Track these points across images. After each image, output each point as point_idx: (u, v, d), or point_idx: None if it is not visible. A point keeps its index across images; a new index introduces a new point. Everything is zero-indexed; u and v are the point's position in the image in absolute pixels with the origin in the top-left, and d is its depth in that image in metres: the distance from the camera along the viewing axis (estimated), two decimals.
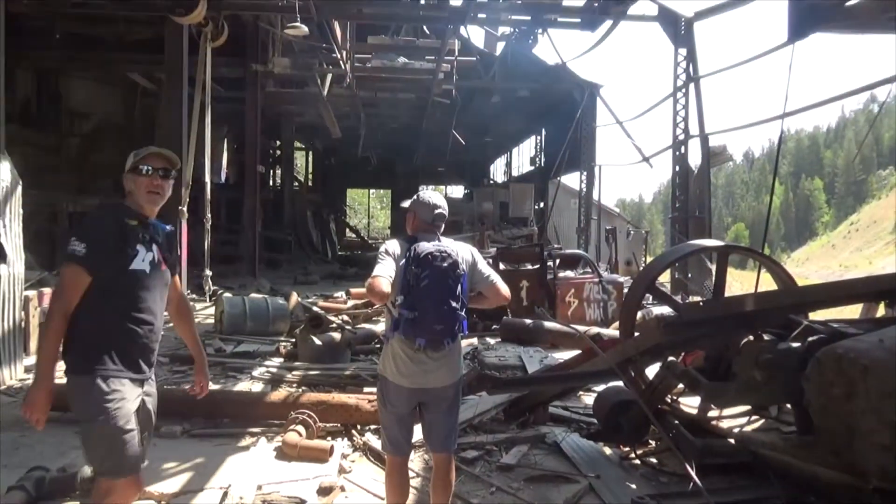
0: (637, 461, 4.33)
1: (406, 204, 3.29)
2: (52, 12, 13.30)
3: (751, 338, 3.94)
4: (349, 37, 15.08)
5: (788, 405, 4.09)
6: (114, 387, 2.49)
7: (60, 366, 2.54)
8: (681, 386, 4.32)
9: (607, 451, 4.52)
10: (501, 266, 9.96)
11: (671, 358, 4.16)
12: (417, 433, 3.27)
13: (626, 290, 9.88)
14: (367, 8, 12.83)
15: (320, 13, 11.47)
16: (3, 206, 6.06)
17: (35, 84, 17.95)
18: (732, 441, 4.11)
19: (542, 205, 26.24)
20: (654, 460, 4.35)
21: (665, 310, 7.99)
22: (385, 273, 2.88)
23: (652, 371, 4.52)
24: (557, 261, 10.08)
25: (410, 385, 3.00)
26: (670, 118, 14.10)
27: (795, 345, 3.67)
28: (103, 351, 2.51)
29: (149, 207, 2.70)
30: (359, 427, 4.83)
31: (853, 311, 6.60)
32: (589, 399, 5.56)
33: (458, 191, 41.61)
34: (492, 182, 37.44)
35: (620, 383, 4.47)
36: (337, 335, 7.16)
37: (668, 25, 13.77)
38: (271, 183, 26.81)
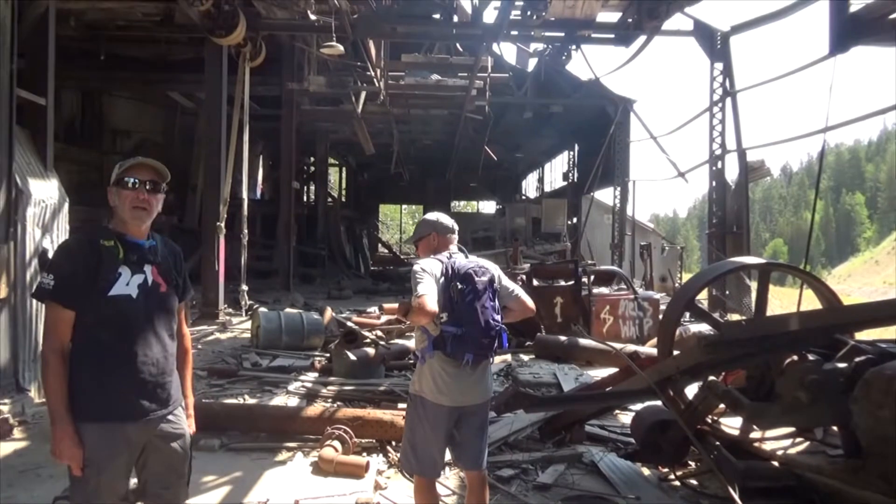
0: (677, 483, 4.24)
1: (414, 236, 3.36)
2: (98, 34, 13.77)
3: (795, 358, 3.85)
4: (383, 55, 15.29)
5: (835, 427, 3.98)
6: (103, 436, 2.25)
7: None
8: (721, 406, 4.23)
9: (646, 471, 4.44)
10: (535, 282, 9.91)
11: (711, 377, 4.08)
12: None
13: (661, 307, 9.75)
14: (402, 27, 12.98)
15: (355, 32, 11.64)
16: (51, 223, 6.25)
17: (79, 103, 18.59)
18: (776, 464, 4.01)
19: (574, 220, 26.09)
20: (694, 482, 4.26)
21: (703, 328, 7.86)
22: (431, 291, 2.88)
23: (691, 391, 4.45)
24: (592, 277, 9.99)
25: (450, 403, 2.99)
26: (706, 133, 13.94)
27: (842, 365, 3.59)
28: (92, 394, 2.25)
29: (134, 224, 2.40)
30: (394, 443, 4.82)
31: None
32: (626, 418, 5.49)
33: (490, 206, 41.70)
34: (524, 197, 37.42)
35: (658, 403, 4.40)
36: (371, 350, 7.19)
37: (703, 40, 13.66)
38: (305, 199, 27.19)
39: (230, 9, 9.86)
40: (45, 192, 6.22)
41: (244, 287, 11.27)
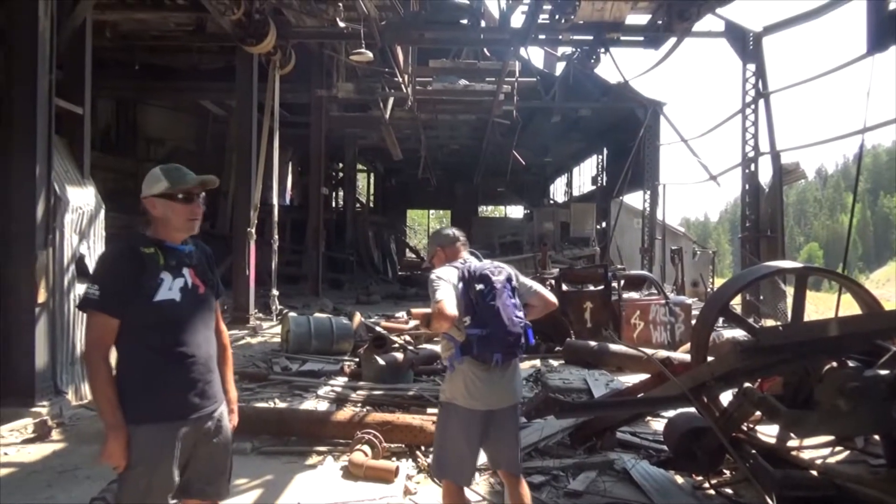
0: (711, 491, 4.15)
1: (427, 258, 3.45)
2: (132, 45, 14.06)
3: (834, 364, 3.75)
4: (411, 61, 15.35)
5: (876, 436, 3.87)
6: (156, 436, 2.31)
7: None
8: (757, 414, 4.14)
9: (679, 479, 4.36)
10: (564, 287, 9.83)
11: (747, 384, 3.99)
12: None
13: (693, 313, 9.60)
14: (429, 33, 13.02)
15: (383, 39, 11.72)
16: (87, 229, 6.39)
17: (114, 112, 18.99)
18: (815, 473, 3.91)
19: (604, 224, 25.89)
20: (729, 491, 4.17)
21: (737, 333, 7.72)
22: (449, 296, 2.91)
23: (725, 398, 4.36)
24: (622, 281, 9.88)
25: (483, 407, 3.01)
26: (739, 135, 13.72)
27: (884, 372, 3.49)
28: (144, 396, 2.32)
29: (186, 234, 2.50)
30: (423, 448, 4.81)
31: None
32: (658, 425, 5.40)
33: (518, 211, 41.56)
34: (552, 202, 37.22)
35: (692, 410, 4.32)
36: (400, 355, 7.21)
37: (735, 41, 13.45)
38: (334, 204, 27.41)
39: (260, 18, 10.01)
40: (82, 199, 6.36)
41: (274, 292, 11.37)
